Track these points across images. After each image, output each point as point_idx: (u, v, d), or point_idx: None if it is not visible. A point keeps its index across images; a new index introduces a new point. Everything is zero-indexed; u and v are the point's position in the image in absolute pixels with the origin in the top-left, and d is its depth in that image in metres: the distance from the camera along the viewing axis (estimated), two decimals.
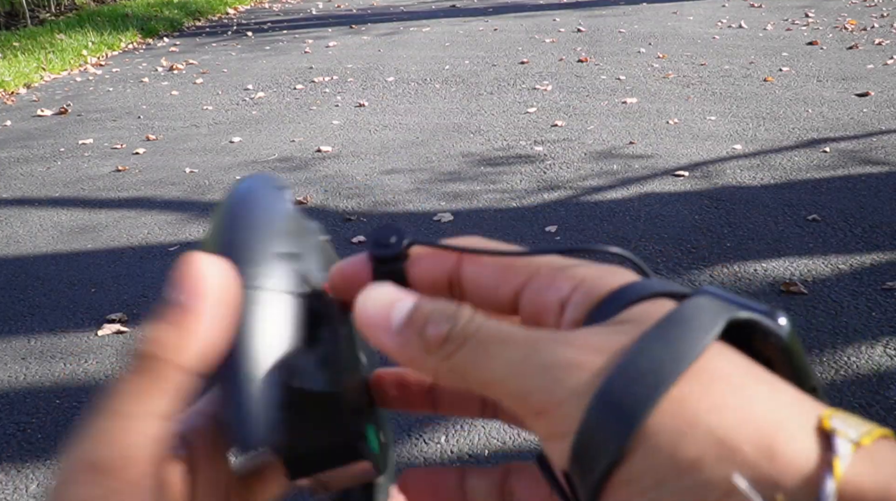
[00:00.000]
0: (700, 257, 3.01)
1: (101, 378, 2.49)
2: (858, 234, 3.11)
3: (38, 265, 3.30)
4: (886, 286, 2.71)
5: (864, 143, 4.13)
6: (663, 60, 6.18)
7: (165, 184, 4.15)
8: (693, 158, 4.05)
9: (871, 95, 4.92)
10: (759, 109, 4.81)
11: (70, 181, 4.29)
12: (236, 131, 5.01)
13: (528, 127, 4.72)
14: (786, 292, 2.72)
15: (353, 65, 6.70)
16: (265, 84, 6.23)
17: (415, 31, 8.14)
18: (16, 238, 3.59)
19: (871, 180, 3.63)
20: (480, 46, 7.13)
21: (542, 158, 4.18)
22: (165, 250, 3.36)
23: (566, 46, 6.91)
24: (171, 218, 3.71)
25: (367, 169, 4.18)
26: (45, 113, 5.76)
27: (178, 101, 5.89)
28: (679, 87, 5.40)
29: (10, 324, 2.85)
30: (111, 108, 5.80)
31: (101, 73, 7.17)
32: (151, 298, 2.97)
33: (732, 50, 6.38)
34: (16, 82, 6.61)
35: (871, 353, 2.36)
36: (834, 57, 5.94)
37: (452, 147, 4.45)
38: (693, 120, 4.66)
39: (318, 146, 4.59)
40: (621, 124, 4.66)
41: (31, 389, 2.46)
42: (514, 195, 3.71)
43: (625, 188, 3.71)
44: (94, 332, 2.76)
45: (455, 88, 5.74)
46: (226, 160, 4.46)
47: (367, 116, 5.18)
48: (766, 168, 3.85)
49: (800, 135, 4.31)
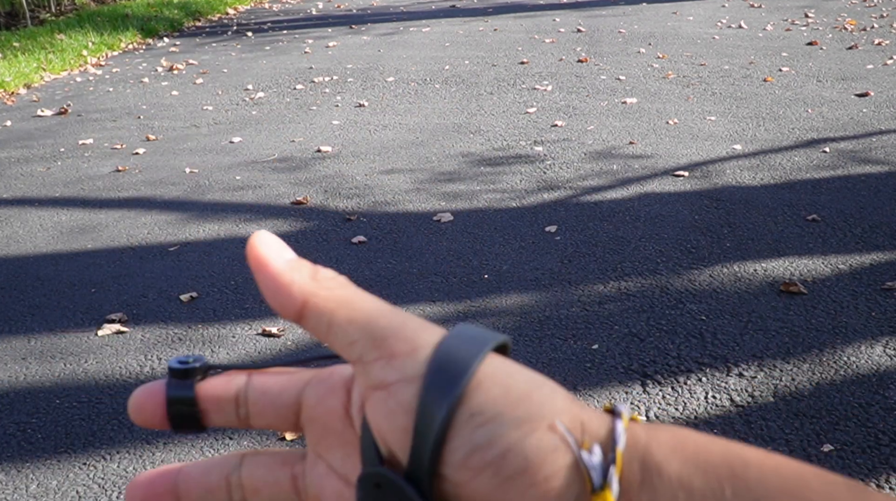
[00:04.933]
0: (700, 257, 3.01)
1: (101, 378, 2.49)
2: (858, 234, 3.11)
3: (38, 265, 3.30)
4: (886, 286, 2.71)
5: (864, 143, 4.13)
6: (663, 61, 6.18)
7: (165, 184, 4.15)
8: (693, 158, 4.05)
9: (870, 95, 4.92)
10: (759, 109, 4.81)
11: (70, 181, 4.29)
12: (236, 131, 5.01)
13: (527, 127, 4.72)
14: (785, 292, 2.72)
15: (353, 65, 6.70)
16: (265, 84, 6.23)
17: (415, 31, 8.14)
18: (16, 238, 3.59)
19: (870, 180, 3.63)
20: (480, 46, 7.13)
21: (541, 158, 4.18)
22: (165, 250, 3.36)
23: (566, 46, 6.91)
24: (171, 218, 3.71)
25: (367, 169, 4.18)
26: (45, 113, 5.76)
27: (178, 101, 5.89)
28: (679, 87, 5.40)
29: (10, 324, 2.85)
30: (111, 108, 5.80)
31: (101, 73, 7.17)
32: (151, 298, 2.97)
33: (732, 50, 6.38)
34: (16, 82, 6.61)
35: (871, 353, 2.36)
36: (834, 57, 5.95)
37: (452, 147, 4.45)
38: (693, 120, 4.66)
39: (317, 146, 4.59)
40: (621, 124, 4.66)
41: (31, 389, 2.46)
42: (513, 195, 3.71)
43: (625, 188, 3.71)
44: (94, 332, 2.76)
45: (455, 88, 5.74)
46: (226, 160, 4.46)
47: (367, 116, 5.18)
48: (766, 168, 3.85)
49: (799, 135, 4.31)
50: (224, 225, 3.59)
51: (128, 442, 2.19)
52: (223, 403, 0.32)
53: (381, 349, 0.28)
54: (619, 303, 2.73)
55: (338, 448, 0.31)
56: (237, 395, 0.32)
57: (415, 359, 0.27)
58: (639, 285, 2.84)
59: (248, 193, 3.96)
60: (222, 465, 0.34)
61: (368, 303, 0.29)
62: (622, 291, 2.81)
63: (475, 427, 0.26)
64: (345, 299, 0.29)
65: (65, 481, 2.06)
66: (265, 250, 0.30)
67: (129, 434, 2.22)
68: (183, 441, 2.18)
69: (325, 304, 0.29)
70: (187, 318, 2.81)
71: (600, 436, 0.26)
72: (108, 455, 2.15)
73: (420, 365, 0.27)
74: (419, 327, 0.28)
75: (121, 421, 2.28)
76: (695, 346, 2.46)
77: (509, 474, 0.26)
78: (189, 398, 0.32)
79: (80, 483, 2.05)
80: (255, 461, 0.33)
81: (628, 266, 2.98)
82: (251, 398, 0.32)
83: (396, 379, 0.27)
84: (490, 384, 0.27)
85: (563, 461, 0.26)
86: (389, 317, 0.28)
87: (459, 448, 0.26)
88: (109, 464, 2.11)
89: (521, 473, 0.26)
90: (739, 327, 2.54)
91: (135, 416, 0.33)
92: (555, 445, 0.26)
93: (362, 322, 0.28)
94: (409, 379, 0.27)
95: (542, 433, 0.26)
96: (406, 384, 0.27)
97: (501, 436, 0.26)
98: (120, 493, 2.01)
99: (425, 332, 0.28)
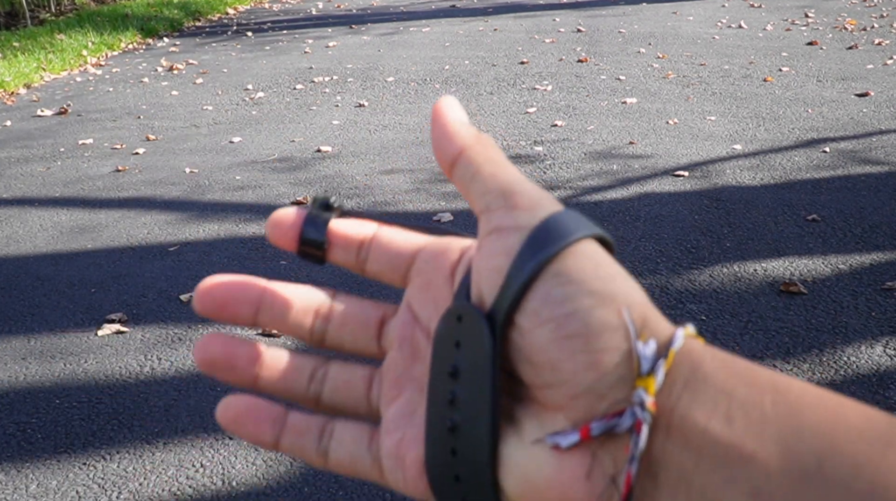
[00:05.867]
0: (700, 257, 3.01)
1: (101, 378, 2.49)
2: (858, 234, 3.11)
3: (38, 265, 3.30)
4: (886, 286, 2.71)
5: (864, 143, 4.13)
6: (663, 60, 6.18)
7: (165, 184, 4.15)
8: (693, 158, 4.05)
9: (870, 95, 4.92)
10: (759, 109, 4.81)
11: (70, 181, 4.29)
12: (236, 131, 5.01)
13: (527, 127, 4.72)
14: (786, 292, 2.72)
15: (353, 65, 6.70)
16: (265, 84, 6.23)
17: (415, 31, 8.14)
18: (16, 238, 3.59)
19: (870, 180, 3.63)
20: (480, 46, 7.13)
21: (541, 158, 4.18)
22: (165, 250, 3.36)
23: (566, 46, 6.91)
24: (171, 218, 3.71)
25: (367, 169, 4.18)
26: (45, 113, 5.76)
27: (178, 101, 5.89)
28: (679, 87, 5.40)
29: (10, 324, 2.85)
30: (111, 108, 5.80)
31: (101, 73, 7.17)
32: (151, 298, 2.97)
33: (732, 50, 6.38)
34: (16, 82, 6.61)
35: (871, 353, 2.36)
36: (834, 57, 5.95)
37: None
38: (693, 120, 4.66)
39: (317, 146, 4.59)
40: (621, 124, 4.66)
41: (31, 389, 2.46)
42: None
43: (625, 188, 3.71)
44: (94, 332, 2.76)
45: (455, 88, 5.74)
46: (226, 160, 4.46)
47: (367, 116, 5.18)
48: (766, 168, 3.85)
49: (799, 135, 4.31)
50: (224, 225, 3.59)
51: (128, 442, 2.19)
52: (350, 243, 0.35)
53: (508, 199, 0.30)
54: None
55: (430, 302, 0.34)
56: (363, 240, 0.35)
57: (532, 214, 0.30)
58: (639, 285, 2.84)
59: (248, 193, 3.96)
60: (312, 293, 0.36)
61: (511, 169, 0.32)
62: None
63: (556, 285, 0.28)
64: (494, 159, 0.32)
65: (65, 481, 2.06)
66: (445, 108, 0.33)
67: (128, 434, 2.22)
68: (183, 441, 2.18)
69: (476, 157, 0.32)
70: (187, 318, 2.81)
71: (660, 335, 0.28)
72: (108, 455, 2.15)
73: (534, 219, 0.30)
74: (547, 196, 0.31)
75: (121, 421, 2.28)
76: None
77: (567, 333, 0.28)
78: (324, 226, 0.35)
79: (80, 483, 2.05)
80: (349, 298, 0.36)
81: (628, 266, 2.98)
82: (374, 245, 0.35)
83: (511, 225, 0.30)
84: (584, 257, 0.29)
85: (621, 342, 0.27)
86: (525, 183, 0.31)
87: (536, 297, 0.28)
88: (109, 464, 2.11)
89: (578, 336, 0.27)
90: (739, 327, 2.54)
91: (271, 231, 0.35)
92: (617, 325, 0.27)
93: (501, 179, 0.31)
94: (521, 228, 0.30)
95: (610, 311, 0.28)
96: (517, 231, 0.30)
97: (574, 299, 0.28)
98: (120, 493, 2.01)
99: (550, 201, 0.31)
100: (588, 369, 0.27)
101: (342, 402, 0.35)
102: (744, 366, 0.27)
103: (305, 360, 0.36)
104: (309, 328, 0.36)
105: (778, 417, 0.25)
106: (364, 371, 0.36)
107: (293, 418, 0.35)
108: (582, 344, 0.27)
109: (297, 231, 0.35)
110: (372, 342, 0.36)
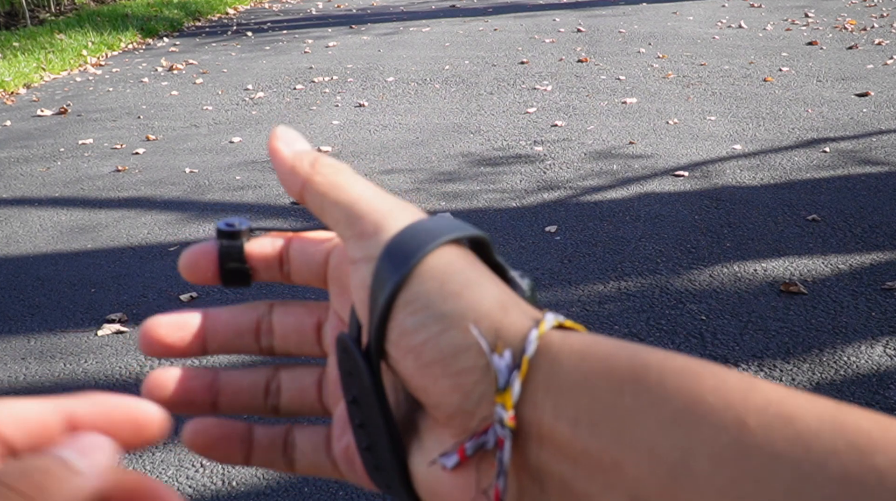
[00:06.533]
0: (700, 257, 3.01)
1: (101, 378, 2.49)
2: (858, 234, 3.11)
3: (38, 265, 3.30)
4: (886, 286, 2.71)
5: (864, 143, 4.13)
6: (663, 60, 6.18)
7: (165, 184, 4.15)
8: (693, 158, 4.05)
9: (870, 95, 4.92)
10: (759, 109, 4.81)
11: (70, 181, 4.29)
12: (236, 131, 5.01)
13: (527, 127, 4.72)
14: (786, 292, 2.72)
15: (353, 65, 6.70)
16: (265, 84, 6.23)
17: (415, 31, 8.14)
18: (16, 238, 3.59)
19: (870, 180, 3.63)
20: (480, 46, 7.13)
21: (541, 158, 4.18)
22: (165, 250, 3.36)
23: (566, 46, 6.91)
24: (171, 218, 3.71)
25: (367, 169, 4.18)
26: (45, 113, 5.76)
27: (178, 101, 5.89)
28: (679, 87, 5.40)
29: (10, 324, 2.85)
30: (111, 108, 5.80)
31: (100, 73, 7.17)
32: (151, 298, 2.97)
33: (732, 50, 6.38)
34: (16, 82, 6.61)
35: (871, 353, 2.36)
36: (834, 57, 5.95)
37: (452, 147, 4.45)
38: (693, 120, 4.66)
39: (317, 146, 4.59)
40: (621, 124, 4.66)
41: (31, 389, 2.45)
42: (513, 195, 3.71)
43: (625, 188, 3.71)
44: (93, 332, 2.76)
45: (455, 88, 5.74)
46: (226, 160, 4.46)
47: (367, 116, 5.18)
48: (766, 168, 3.85)
49: (799, 135, 4.31)
50: None
51: None
52: (269, 261, 0.35)
53: (354, 228, 0.31)
54: (619, 303, 2.73)
55: (349, 304, 0.34)
56: (281, 254, 0.35)
57: (377, 240, 0.30)
58: (639, 285, 2.84)
59: (248, 193, 3.96)
60: (252, 310, 0.36)
61: (357, 188, 0.32)
62: (622, 291, 2.81)
63: (407, 314, 0.28)
64: (336, 184, 0.32)
65: None
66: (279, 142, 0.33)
67: None
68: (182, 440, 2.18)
69: (318, 187, 0.32)
70: None
71: (515, 342, 0.28)
72: None
73: (379, 247, 0.30)
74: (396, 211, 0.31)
75: None
76: (695, 346, 2.46)
77: (426, 361, 0.28)
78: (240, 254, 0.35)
79: None
80: (285, 309, 0.36)
81: (628, 266, 2.98)
82: (292, 257, 0.35)
83: (361, 257, 0.30)
84: (429, 276, 0.29)
85: (477, 360, 0.28)
86: (372, 201, 0.31)
87: (395, 328, 0.29)
88: None
89: (435, 363, 0.28)
90: (739, 327, 2.54)
91: (188, 273, 0.35)
92: (469, 344, 0.28)
93: (346, 204, 0.31)
94: (369, 258, 0.30)
95: (459, 332, 0.28)
96: (367, 262, 0.30)
97: (425, 327, 0.28)
98: None
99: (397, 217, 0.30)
100: (453, 391, 0.28)
101: (299, 409, 0.37)
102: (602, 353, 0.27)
103: (257, 375, 0.36)
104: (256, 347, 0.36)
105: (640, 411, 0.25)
106: (313, 376, 0.36)
107: (258, 434, 0.36)
108: (441, 370, 0.28)
109: (215, 268, 0.35)
110: (315, 346, 0.36)
